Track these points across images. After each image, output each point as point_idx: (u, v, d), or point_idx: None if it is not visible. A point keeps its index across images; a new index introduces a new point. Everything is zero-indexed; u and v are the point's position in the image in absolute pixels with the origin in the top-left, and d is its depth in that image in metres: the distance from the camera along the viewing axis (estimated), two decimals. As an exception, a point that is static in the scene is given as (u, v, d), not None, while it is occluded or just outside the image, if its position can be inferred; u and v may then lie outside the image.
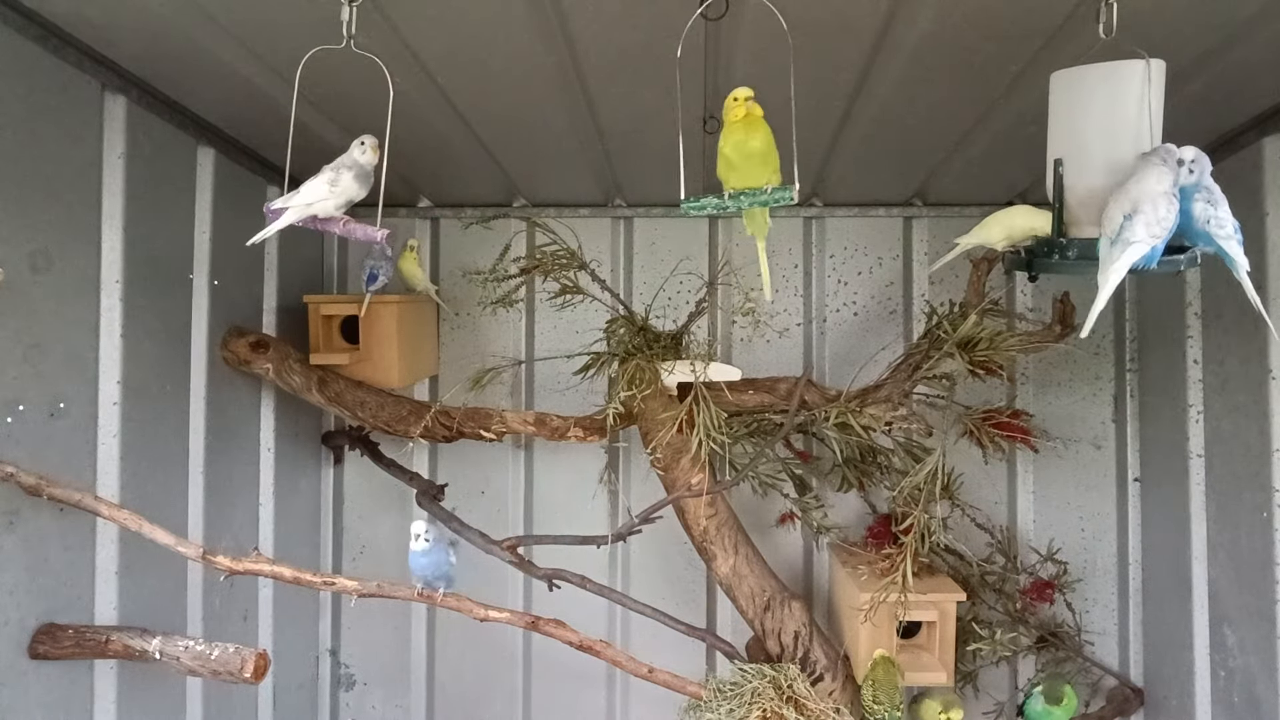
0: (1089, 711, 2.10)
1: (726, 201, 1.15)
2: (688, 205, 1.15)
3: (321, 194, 1.22)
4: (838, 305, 2.26)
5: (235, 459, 1.90)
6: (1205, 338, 1.85)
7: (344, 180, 1.23)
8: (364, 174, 1.26)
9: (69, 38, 1.34)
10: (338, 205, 1.24)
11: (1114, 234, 1.09)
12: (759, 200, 1.14)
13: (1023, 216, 1.37)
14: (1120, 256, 1.08)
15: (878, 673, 1.67)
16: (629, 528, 1.80)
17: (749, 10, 1.14)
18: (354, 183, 1.25)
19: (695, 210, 1.15)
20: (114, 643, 1.36)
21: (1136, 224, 1.08)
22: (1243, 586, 1.73)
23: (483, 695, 2.30)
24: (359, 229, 1.24)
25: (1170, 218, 1.09)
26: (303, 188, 1.23)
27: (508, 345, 2.29)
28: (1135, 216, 1.08)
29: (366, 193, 1.26)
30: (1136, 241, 1.08)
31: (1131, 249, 1.08)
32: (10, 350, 1.28)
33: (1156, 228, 1.08)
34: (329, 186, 1.23)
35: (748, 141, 1.14)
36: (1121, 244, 1.09)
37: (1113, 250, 1.10)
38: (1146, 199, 1.08)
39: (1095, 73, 1.15)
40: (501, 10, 1.23)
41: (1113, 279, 1.09)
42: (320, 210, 1.23)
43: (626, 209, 2.26)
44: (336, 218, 1.24)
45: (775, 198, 1.13)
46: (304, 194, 1.23)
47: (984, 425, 1.89)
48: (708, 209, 1.16)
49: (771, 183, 1.15)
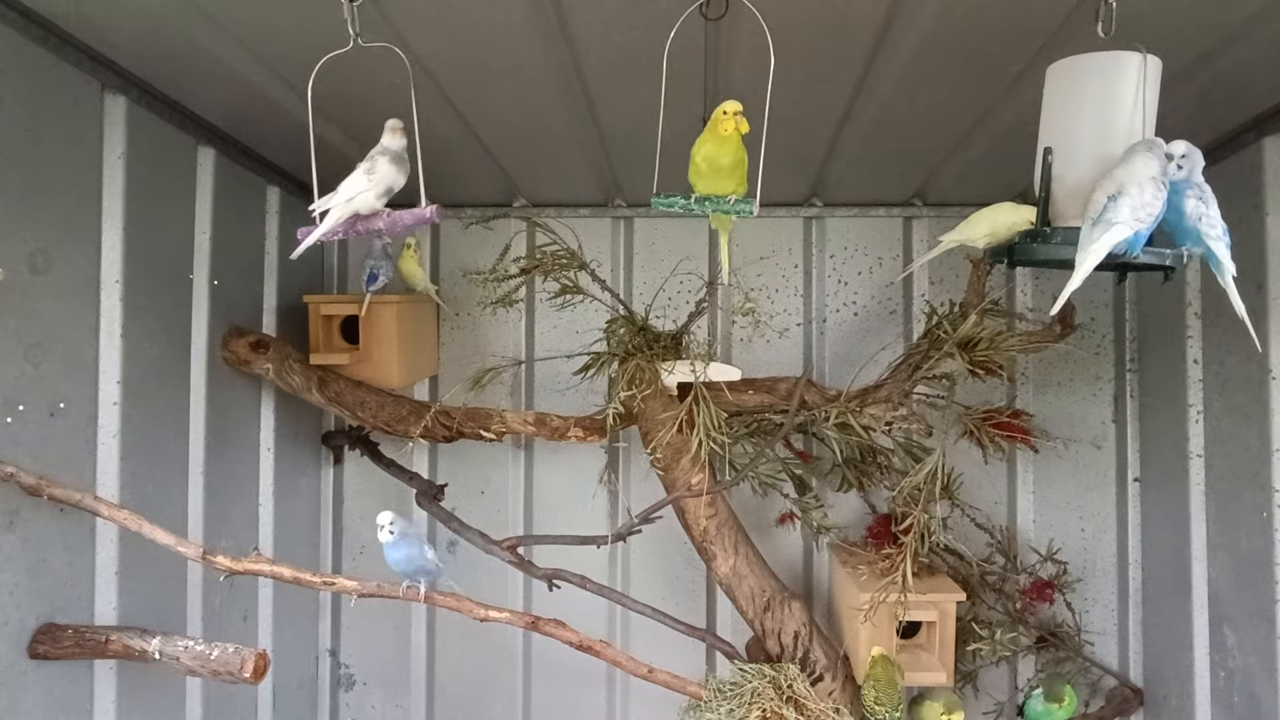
0: (1089, 711, 2.10)
1: (693, 204, 1.22)
2: (657, 201, 1.22)
3: (360, 185, 1.19)
4: (838, 305, 2.26)
5: (235, 459, 1.90)
6: (1205, 338, 1.85)
7: (380, 167, 1.20)
8: (400, 159, 1.23)
9: (69, 38, 1.34)
10: (378, 195, 1.20)
11: (1096, 214, 1.07)
12: (721, 209, 1.22)
13: (1008, 213, 1.36)
14: (1100, 237, 1.06)
15: (878, 672, 1.67)
16: (629, 528, 1.80)
17: (748, 10, 1.14)
18: (391, 168, 1.21)
19: (664, 206, 1.22)
20: (114, 643, 1.36)
21: (1121, 205, 1.05)
22: (1243, 586, 1.73)
23: (483, 695, 2.31)
24: (405, 215, 1.20)
25: (1157, 205, 1.06)
26: (340, 187, 1.20)
27: (508, 345, 2.29)
28: (1120, 198, 1.05)
29: (405, 179, 1.23)
30: (1119, 223, 1.05)
31: (1113, 230, 1.05)
32: (10, 350, 1.28)
33: (1141, 212, 1.05)
34: (366, 177, 1.19)
35: (719, 157, 1.21)
36: (1104, 224, 1.06)
37: (1093, 231, 1.07)
38: (1133, 182, 1.06)
39: (1092, 63, 1.15)
40: (501, 10, 1.23)
41: (1089, 260, 1.07)
42: (362, 204, 1.19)
43: (626, 209, 2.26)
44: (379, 212, 1.21)
45: (737, 209, 1.22)
46: (343, 191, 1.19)
47: (984, 425, 1.89)
48: (675, 207, 1.22)
49: (737, 192, 1.22)
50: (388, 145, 1.23)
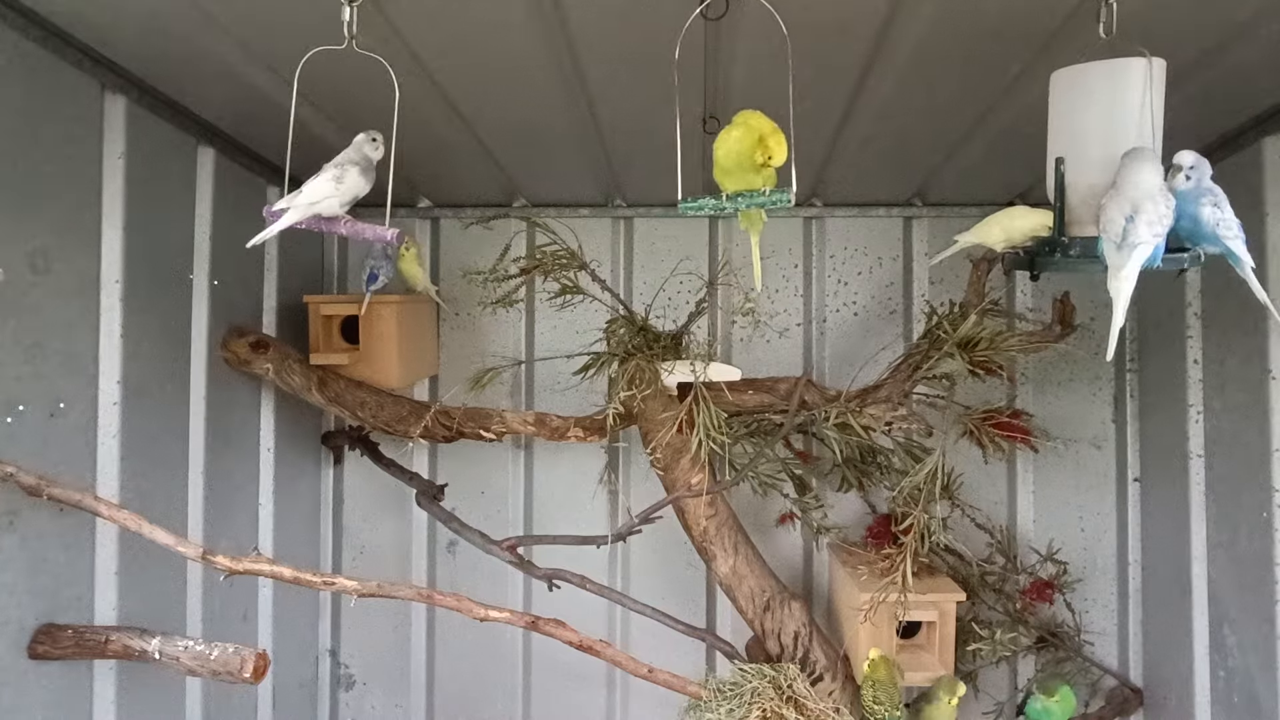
0: (1089, 711, 2.10)
1: (724, 203, 1.16)
2: (685, 206, 1.15)
3: (326, 191, 1.19)
4: (838, 305, 2.26)
5: (235, 459, 1.90)
6: (1205, 338, 1.85)
7: (350, 176, 1.20)
8: (370, 169, 1.23)
9: (69, 38, 1.34)
10: (343, 203, 1.20)
11: (1118, 238, 1.09)
12: (756, 203, 1.15)
13: (1022, 218, 1.37)
14: (1129, 261, 1.07)
15: (878, 673, 1.67)
16: (629, 528, 1.80)
17: (749, 10, 1.14)
18: (360, 178, 1.21)
19: (693, 211, 1.16)
20: (114, 643, 1.36)
21: (1139, 225, 1.07)
22: (1243, 586, 1.73)
23: (483, 695, 2.30)
24: (367, 229, 1.20)
25: (1169, 213, 1.08)
26: (305, 186, 1.20)
27: (508, 345, 2.29)
28: (1137, 217, 1.07)
29: (370, 188, 1.23)
30: (1142, 243, 1.07)
31: (1138, 250, 1.07)
32: (10, 350, 1.28)
33: (1158, 225, 1.07)
34: (334, 184, 1.19)
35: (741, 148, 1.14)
36: (1128, 248, 1.08)
37: (1119, 255, 1.09)
38: (1145, 198, 1.07)
39: (1096, 71, 1.15)
40: (501, 10, 1.23)
41: (1125, 287, 1.08)
42: (325, 209, 1.19)
43: (626, 209, 2.26)
44: (340, 217, 1.21)
45: (773, 200, 1.14)
46: (307, 193, 1.19)
47: (984, 425, 1.89)
48: (705, 209, 1.16)
49: (767, 185, 1.16)
50: (366, 154, 1.24)
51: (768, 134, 1.12)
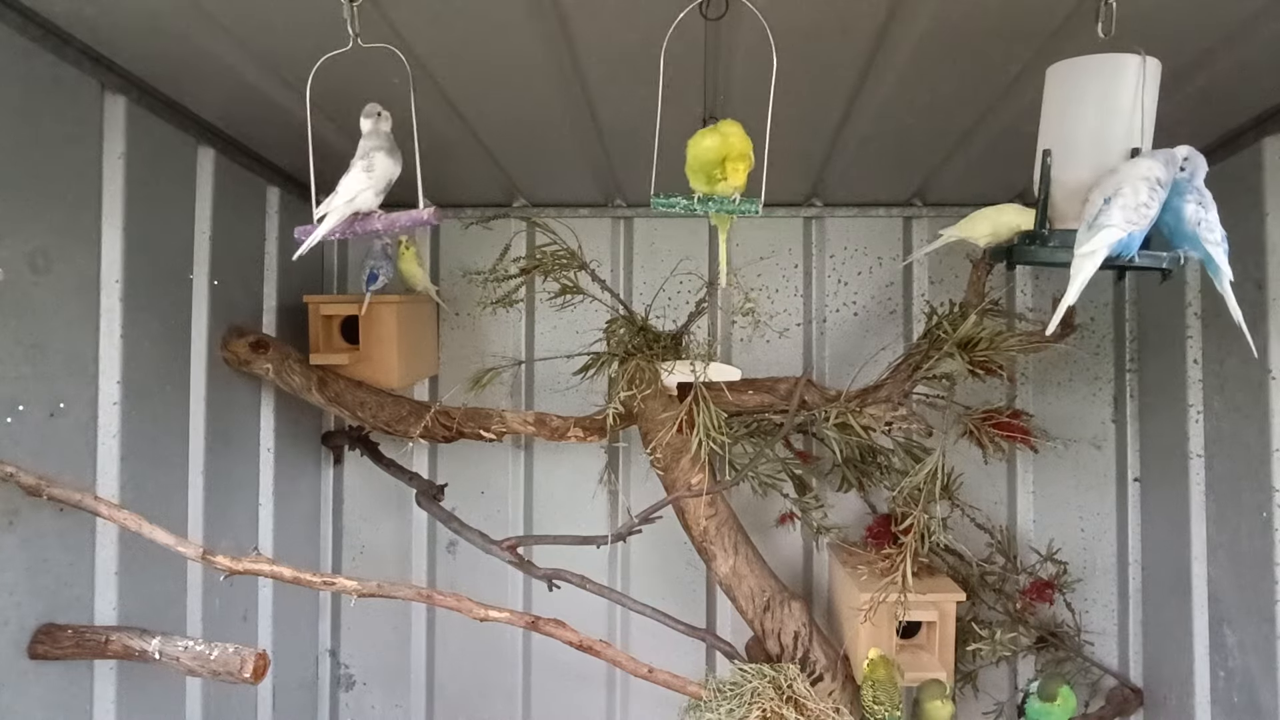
0: (1089, 711, 2.10)
1: (695, 204, 1.18)
2: (658, 202, 1.18)
3: (361, 184, 1.17)
4: (838, 305, 2.26)
5: (235, 459, 1.90)
6: (1205, 338, 1.85)
7: (378, 161, 1.18)
8: (393, 149, 1.21)
9: (68, 37, 1.34)
10: (378, 191, 1.18)
11: (1091, 218, 1.06)
12: (725, 209, 1.18)
13: (1011, 215, 1.36)
14: (1090, 240, 1.04)
15: (878, 673, 1.67)
16: (629, 528, 1.80)
17: (748, 10, 1.14)
18: (388, 160, 1.19)
19: (665, 207, 1.18)
20: (114, 643, 1.36)
21: (1114, 208, 1.04)
22: (1243, 586, 1.73)
23: (483, 695, 2.30)
24: (403, 216, 1.18)
25: (1153, 206, 1.05)
26: (339, 186, 1.18)
27: (508, 345, 2.29)
28: (1114, 200, 1.04)
29: (400, 169, 1.21)
30: (1111, 225, 1.04)
31: (1104, 232, 1.04)
32: (10, 350, 1.28)
33: (1134, 214, 1.03)
34: (366, 174, 1.17)
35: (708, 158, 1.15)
36: (1095, 228, 1.04)
37: (1086, 234, 1.06)
38: (1127, 182, 1.05)
39: (1091, 65, 1.15)
40: (501, 10, 1.23)
41: (1085, 265, 1.05)
42: (362, 203, 1.17)
43: (626, 209, 2.26)
44: (375, 213, 1.19)
45: (742, 209, 1.17)
46: (342, 192, 1.17)
47: (984, 425, 1.89)
48: (676, 208, 1.18)
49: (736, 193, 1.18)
50: (380, 135, 1.22)
51: (734, 157, 1.14)
